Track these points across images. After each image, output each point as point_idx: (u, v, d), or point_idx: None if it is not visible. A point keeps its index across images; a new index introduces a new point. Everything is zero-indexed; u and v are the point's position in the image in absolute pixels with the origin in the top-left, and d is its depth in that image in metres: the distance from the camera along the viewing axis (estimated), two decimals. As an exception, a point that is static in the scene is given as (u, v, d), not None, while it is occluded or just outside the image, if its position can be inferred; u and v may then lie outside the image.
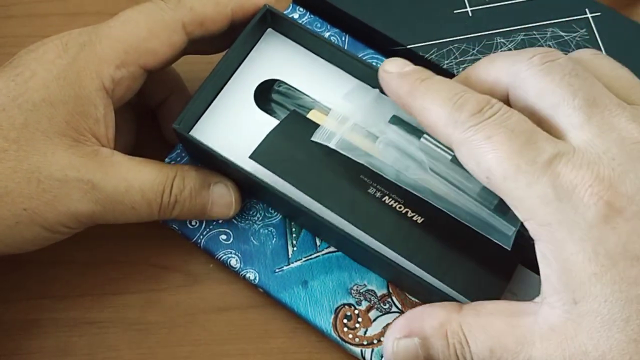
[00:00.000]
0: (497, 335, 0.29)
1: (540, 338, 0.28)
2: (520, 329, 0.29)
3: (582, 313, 0.27)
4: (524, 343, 0.28)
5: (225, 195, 0.37)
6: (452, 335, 0.30)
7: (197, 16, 0.36)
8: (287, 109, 0.40)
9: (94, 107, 0.34)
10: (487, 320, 0.30)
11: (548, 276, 0.28)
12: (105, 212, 0.34)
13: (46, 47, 0.34)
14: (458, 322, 0.30)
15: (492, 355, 0.29)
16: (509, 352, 0.28)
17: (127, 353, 0.38)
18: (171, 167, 0.36)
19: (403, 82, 0.32)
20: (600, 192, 0.26)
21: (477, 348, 0.29)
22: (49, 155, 0.33)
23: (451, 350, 0.30)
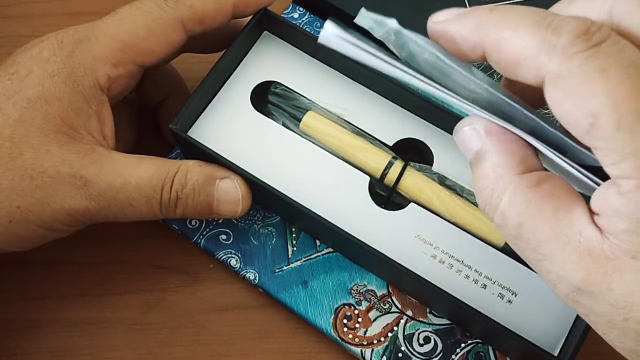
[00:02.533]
0: (536, 215, 0.25)
1: (573, 249, 0.24)
2: (562, 226, 0.25)
3: (633, 267, 0.23)
4: (555, 239, 0.25)
5: (231, 191, 0.35)
6: (495, 183, 0.26)
7: (197, 13, 0.35)
8: (284, 111, 0.40)
9: (87, 104, 0.34)
10: (539, 197, 0.25)
11: (615, 223, 0.23)
12: (100, 209, 0.33)
13: (42, 45, 0.34)
14: (511, 180, 0.26)
15: (517, 229, 0.25)
16: (535, 237, 0.25)
17: (127, 353, 0.38)
18: (173, 163, 0.35)
19: (465, 20, 0.26)
20: None
21: (508, 212, 0.26)
22: (43, 151, 0.32)
23: (483, 189, 0.26)
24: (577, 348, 0.33)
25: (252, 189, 0.36)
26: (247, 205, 0.36)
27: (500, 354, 0.37)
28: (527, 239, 0.25)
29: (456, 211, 0.37)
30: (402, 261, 0.34)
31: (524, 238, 0.25)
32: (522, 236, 0.25)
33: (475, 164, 0.27)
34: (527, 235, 0.25)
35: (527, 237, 0.25)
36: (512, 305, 0.36)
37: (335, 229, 0.34)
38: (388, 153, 0.38)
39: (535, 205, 0.25)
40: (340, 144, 0.38)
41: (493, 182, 0.26)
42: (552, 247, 0.25)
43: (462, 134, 0.28)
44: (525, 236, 0.25)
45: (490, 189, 0.26)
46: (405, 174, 0.38)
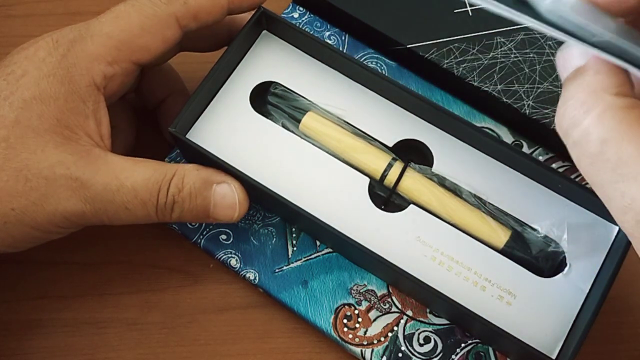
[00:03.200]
0: (624, 135, 0.24)
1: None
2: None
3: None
4: (638, 161, 0.24)
5: (228, 195, 0.35)
6: (586, 99, 0.25)
7: (191, 9, 0.35)
8: (283, 112, 0.40)
9: (83, 103, 0.34)
10: (630, 119, 0.25)
11: None
12: (96, 211, 0.33)
13: (37, 45, 0.34)
14: (603, 99, 0.25)
15: (600, 146, 0.25)
16: (617, 157, 0.25)
17: (127, 353, 0.38)
18: (170, 167, 0.35)
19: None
20: None
21: (593, 128, 0.25)
22: (39, 152, 0.32)
23: (569, 104, 0.26)
24: (576, 350, 0.33)
25: (252, 191, 0.36)
26: (243, 210, 0.36)
27: (501, 354, 0.37)
28: (609, 157, 0.25)
29: (456, 213, 0.37)
30: (401, 263, 0.34)
31: (605, 156, 0.25)
32: (603, 154, 0.25)
33: (570, 80, 0.27)
34: (610, 153, 0.25)
35: (609, 155, 0.25)
36: (511, 307, 0.36)
37: (334, 231, 0.34)
38: (388, 154, 0.38)
39: (626, 125, 0.25)
40: (340, 145, 0.38)
41: (586, 96, 0.26)
42: (635, 167, 0.24)
43: (567, 52, 0.27)
44: (607, 154, 0.25)
45: (580, 102, 0.26)
46: (405, 175, 0.38)
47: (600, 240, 0.37)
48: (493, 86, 0.40)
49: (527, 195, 0.38)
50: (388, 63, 0.42)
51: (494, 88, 0.40)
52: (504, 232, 0.37)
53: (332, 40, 0.43)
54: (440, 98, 0.41)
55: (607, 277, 0.34)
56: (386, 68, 0.42)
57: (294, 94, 0.39)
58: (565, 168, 0.40)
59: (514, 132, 0.41)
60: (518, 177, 0.38)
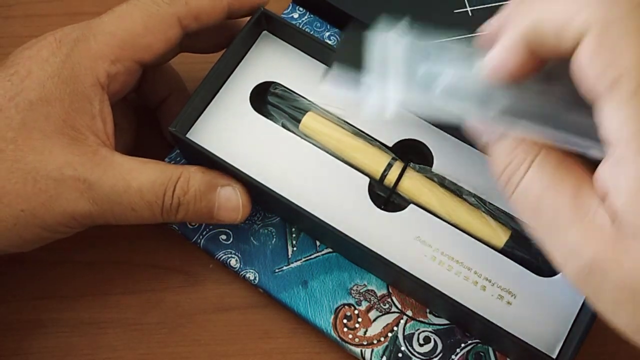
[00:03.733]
0: (557, 191, 0.26)
1: (587, 225, 0.25)
2: (579, 204, 0.25)
3: (638, 247, 0.24)
4: (571, 215, 0.25)
5: (232, 198, 0.36)
6: (523, 153, 0.27)
7: (193, 10, 0.36)
8: (283, 112, 0.40)
9: (89, 103, 0.34)
10: (562, 173, 0.27)
11: (614, 199, 0.24)
12: (103, 212, 0.33)
13: (40, 44, 0.34)
14: (538, 151, 0.27)
15: (537, 202, 0.26)
16: (553, 212, 0.26)
17: (127, 353, 0.38)
18: (176, 168, 0.35)
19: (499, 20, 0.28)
20: None
21: (531, 186, 0.27)
22: (47, 154, 0.32)
23: (508, 162, 0.28)
24: (576, 349, 0.33)
25: (252, 191, 0.36)
26: (247, 212, 0.36)
27: (501, 354, 0.37)
28: (546, 211, 0.26)
29: (456, 213, 0.37)
30: (401, 263, 0.34)
31: (542, 211, 0.26)
32: (541, 208, 0.26)
33: (495, 142, 0.28)
34: (547, 208, 0.26)
35: (546, 209, 0.26)
36: (512, 307, 0.36)
37: (334, 231, 0.34)
38: (388, 154, 0.38)
39: (559, 178, 0.26)
40: (340, 145, 0.38)
41: (522, 152, 0.27)
42: (569, 220, 0.25)
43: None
44: (543, 210, 0.26)
45: (518, 159, 0.27)
46: (405, 175, 0.38)
47: (600, 240, 0.37)
48: (493, 86, 0.40)
49: (527, 195, 0.38)
50: (388, 63, 0.42)
51: (493, 88, 0.40)
52: (504, 232, 0.37)
53: (332, 41, 0.43)
54: (440, 98, 0.41)
55: (607, 277, 0.34)
56: (386, 68, 0.42)
57: (294, 94, 0.39)
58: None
59: (514, 132, 0.41)
60: (518, 177, 0.38)
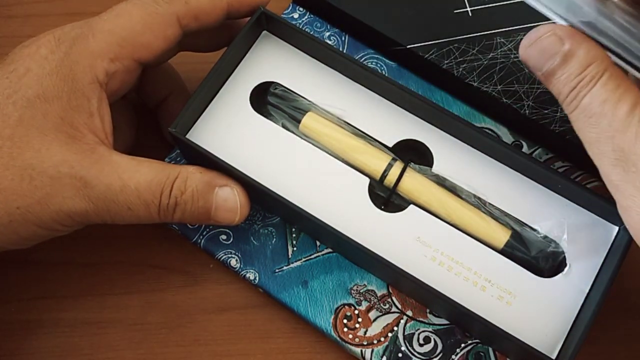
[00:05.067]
0: (619, 96, 0.29)
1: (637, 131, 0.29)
2: (633, 112, 0.29)
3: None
4: (628, 116, 0.29)
5: (230, 199, 0.35)
6: (596, 67, 0.30)
7: (192, 9, 0.36)
8: (283, 112, 0.40)
9: (87, 101, 0.34)
10: (626, 85, 0.30)
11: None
12: (99, 211, 0.33)
13: (39, 42, 0.34)
14: (610, 64, 0.30)
15: (602, 106, 0.29)
16: (612, 114, 0.29)
17: (127, 353, 0.38)
18: (173, 168, 0.35)
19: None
20: None
21: (599, 91, 0.30)
22: (43, 151, 0.32)
23: (578, 81, 0.30)
24: (576, 350, 0.33)
25: (252, 191, 0.36)
26: (244, 213, 0.36)
27: (501, 354, 0.37)
28: (607, 114, 0.29)
29: (456, 213, 0.37)
30: (401, 263, 0.34)
31: (604, 113, 0.29)
32: (603, 112, 0.29)
33: (562, 64, 0.30)
34: (608, 112, 0.29)
35: (608, 113, 0.29)
36: (511, 307, 0.36)
37: (334, 232, 0.34)
38: (388, 154, 0.38)
39: (623, 90, 0.29)
40: (340, 145, 0.38)
41: (592, 68, 0.30)
42: (628, 125, 0.29)
43: (541, 42, 0.31)
44: (606, 112, 0.29)
45: (589, 75, 0.30)
46: (405, 176, 0.38)
47: (600, 240, 0.37)
48: (493, 87, 0.40)
49: (527, 195, 0.38)
50: (388, 63, 0.42)
51: (494, 88, 0.40)
52: (504, 232, 0.37)
53: (332, 41, 0.43)
54: (440, 98, 0.41)
55: (607, 277, 0.34)
56: (386, 68, 0.42)
57: (294, 94, 0.39)
58: (565, 168, 0.40)
59: (514, 133, 0.41)
60: (518, 177, 0.38)
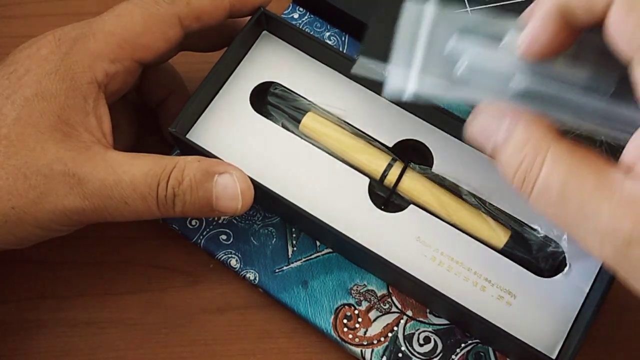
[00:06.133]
0: (578, 174, 0.26)
1: (618, 201, 0.25)
2: (604, 183, 0.26)
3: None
4: (599, 195, 0.25)
5: (230, 186, 0.33)
6: (533, 149, 0.27)
7: (194, 10, 0.35)
8: (283, 112, 0.40)
9: (84, 100, 0.33)
10: (578, 158, 0.27)
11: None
12: (96, 208, 0.33)
13: (39, 43, 0.34)
14: (549, 143, 0.27)
15: (561, 191, 0.26)
16: (579, 196, 0.26)
17: (127, 353, 0.38)
18: (170, 159, 0.34)
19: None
20: None
21: (551, 176, 0.27)
22: (38, 149, 0.32)
23: (520, 161, 0.28)
24: (576, 350, 0.33)
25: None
26: (247, 200, 0.34)
27: (501, 354, 0.37)
28: (570, 199, 0.26)
29: (456, 213, 0.37)
30: (401, 263, 0.34)
31: (567, 199, 0.26)
32: (565, 198, 0.26)
33: (503, 145, 0.28)
34: (571, 196, 0.26)
35: (571, 197, 0.26)
36: (511, 307, 0.36)
37: (334, 231, 0.34)
38: (388, 154, 0.38)
39: (577, 164, 0.26)
40: (340, 146, 0.38)
41: (531, 149, 0.27)
42: (597, 203, 0.25)
43: (479, 123, 0.29)
44: (569, 197, 0.26)
45: (530, 157, 0.27)
46: (405, 176, 0.38)
47: (600, 241, 0.37)
48: (493, 86, 0.40)
49: (527, 196, 0.38)
50: (388, 63, 0.42)
51: (493, 88, 0.40)
52: (504, 232, 0.37)
53: (332, 41, 0.43)
54: (440, 98, 0.41)
55: (607, 277, 0.34)
56: (386, 68, 0.42)
57: (294, 94, 0.39)
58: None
59: (514, 133, 0.41)
60: (518, 177, 0.38)
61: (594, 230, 0.26)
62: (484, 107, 0.29)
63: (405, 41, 0.30)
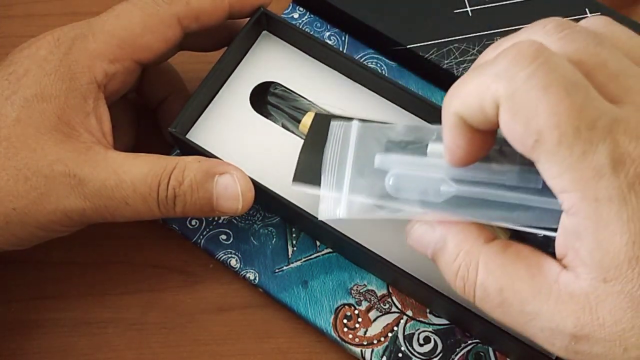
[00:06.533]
0: (513, 277, 0.27)
1: (556, 299, 0.26)
2: (539, 282, 0.26)
3: (609, 292, 0.24)
4: (537, 295, 0.26)
5: (230, 186, 0.34)
6: (466, 257, 0.28)
7: (193, 10, 0.35)
8: (283, 112, 0.40)
9: (84, 100, 0.33)
10: (510, 260, 0.27)
11: (577, 249, 0.25)
12: (97, 208, 0.33)
13: (39, 43, 0.34)
14: (480, 249, 0.28)
15: (500, 295, 0.27)
16: (518, 298, 0.26)
17: (127, 353, 0.38)
18: (171, 159, 0.34)
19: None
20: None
21: (487, 281, 0.27)
22: (38, 150, 0.32)
23: (456, 269, 0.28)
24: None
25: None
26: (248, 201, 0.34)
27: (501, 354, 0.37)
28: (511, 302, 0.27)
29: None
30: (401, 263, 0.34)
31: (508, 302, 0.27)
32: (506, 301, 0.27)
33: (439, 253, 0.29)
34: (511, 299, 0.27)
35: (511, 300, 0.27)
36: (512, 307, 0.36)
37: (334, 232, 0.34)
38: (388, 154, 0.38)
39: (510, 267, 0.27)
40: (340, 145, 0.38)
41: (464, 257, 0.28)
42: (537, 303, 0.26)
43: (415, 233, 0.31)
44: (509, 300, 0.27)
45: (464, 265, 0.28)
46: (405, 175, 0.38)
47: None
48: (493, 86, 0.40)
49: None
50: (388, 63, 0.42)
51: (493, 88, 0.40)
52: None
53: (332, 41, 0.43)
54: (440, 98, 0.41)
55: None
56: (386, 68, 0.42)
57: (294, 94, 0.39)
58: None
59: (514, 132, 0.41)
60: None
61: (540, 330, 0.26)
62: (418, 218, 0.30)
63: (334, 161, 0.32)
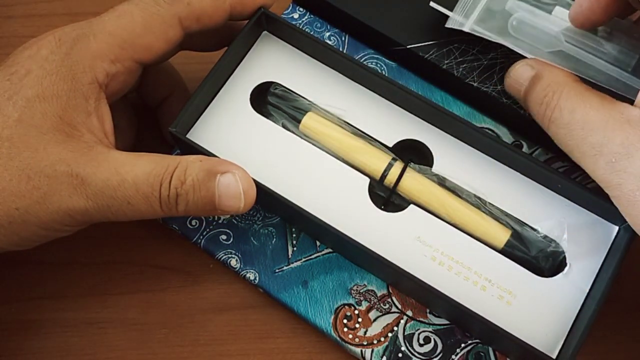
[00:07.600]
0: (587, 103, 0.33)
1: (613, 122, 0.32)
2: (607, 109, 0.33)
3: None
4: (599, 116, 0.32)
5: (232, 185, 0.33)
6: (555, 86, 0.35)
7: (194, 11, 0.35)
8: (283, 112, 0.40)
9: (85, 101, 0.33)
10: (590, 93, 0.34)
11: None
12: (99, 208, 0.33)
13: (40, 43, 0.34)
14: (569, 82, 0.35)
15: (570, 114, 0.33)
16: (586, 111, 0.33)
17: (127, 353, 0.38)
18: (173, 159, 0.33)
19: None
20: None
21: (564, 104, 0.34)
22: (41, 150, 0.32)
23: (543, 96, 0.35)
24: (576, 350, 0.33)
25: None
26: (250, 199, 0.34)
27: (501, 354, 0.37)
28: (578, 120, 0.33)
29: (456, 213, 0.37)
30: (401, 263, 0.34)
31: (575, 120, 0.33)
32: (574, 119, 0.33)
33: (532, 86, 0.36)
34: (578, 117, 0.33)
35: (578, 118, 0.33)
36: (512, 307, 0.36)
37: (334, 231, 0.34)
38: (388, 154, 0.38)
39: (587, 96, 0.34)
40: (340, 145, 0.38)
41: (553, 86, 0.35)
42: (598, 122, 0.32)
43: (516, 72, 0.37)
44: (576, 118, 0.33)
45: (551, 92, 0.35)
46: (405, 175, 0.38)
47: (600, 240, 0.37)
48: (493, 86, 0.40)
49: (527, 195, 0.38)
50: (388, 63, 0.42)
51: (494, 88, 0.40)
52: (504, 232, 0.37)
53: (332, 41, 0.43)
54: (440, 98, 0.42)
55: (607, 277, 0.34)
56: (386, 68, 0.42)
57: (294, 94, 0.39)
58: (565, 168, 0.40)
59: (514, 132, 0.41)
60: (518, 177, 0.38)
61: (591, 145, 0.32)
62: (521, 61, 0.37)
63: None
